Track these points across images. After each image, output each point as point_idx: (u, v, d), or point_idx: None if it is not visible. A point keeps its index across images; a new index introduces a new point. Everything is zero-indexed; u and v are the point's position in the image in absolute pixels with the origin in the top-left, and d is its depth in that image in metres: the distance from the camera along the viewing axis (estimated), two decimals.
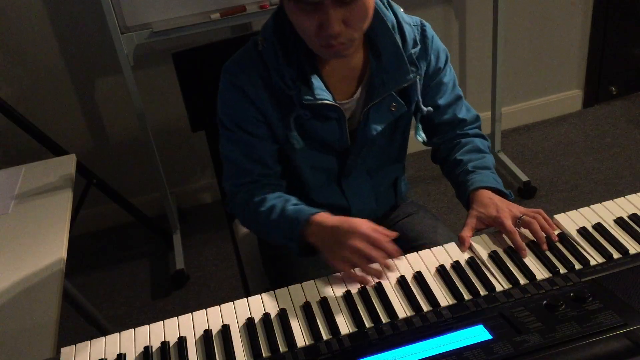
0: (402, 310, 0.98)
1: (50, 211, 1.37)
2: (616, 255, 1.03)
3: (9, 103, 2.08)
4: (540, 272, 1.02)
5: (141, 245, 2.54)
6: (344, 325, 0.96)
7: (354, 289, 1.03)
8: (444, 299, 0.99)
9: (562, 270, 1.02)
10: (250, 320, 0.99)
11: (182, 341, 0.97)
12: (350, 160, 1.25)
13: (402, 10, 1.21)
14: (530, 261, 1.05)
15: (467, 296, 0.99)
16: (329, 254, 1.06)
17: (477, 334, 0.89)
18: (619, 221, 1.11)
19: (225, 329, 0.98)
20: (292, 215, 1.13)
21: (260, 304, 1.02)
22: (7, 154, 2.36)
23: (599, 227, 1.10)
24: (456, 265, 1.06)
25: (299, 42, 1.12)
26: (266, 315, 1.00)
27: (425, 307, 0.98)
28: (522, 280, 1.01)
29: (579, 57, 2.87)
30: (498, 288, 1.00)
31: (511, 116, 2.88)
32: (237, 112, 1.17)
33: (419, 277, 1.04)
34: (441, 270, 1.05)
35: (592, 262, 1.02)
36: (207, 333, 0.98)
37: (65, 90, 2.33)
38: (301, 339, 0.95)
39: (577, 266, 1.02)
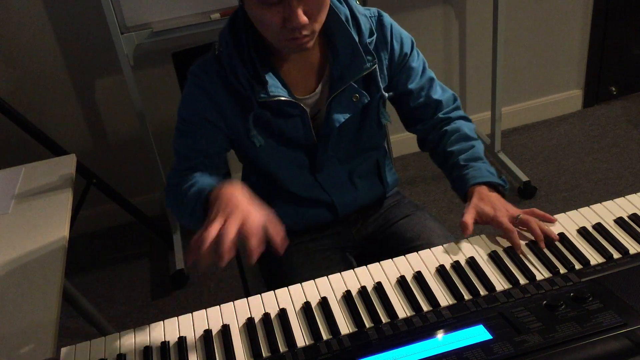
0: (402, 310, 0.98)
1: (50, 211, 1.37)
2: (616, 255, 1.03)
3: (9, 103, 2.08)
4: (540, 272, 1.02)
5: (141, 245, 2.54)
6: (344, 325, 0.96)
7: (354, 289, 1.03)
8: (444, 299, 0.99)
9: (562, 270, 1.02)
10: (250, 320, 0.99)
11: (182, 341, 0.97)
12: (319, 154, 1.26)
13: (357, 2, 1.22)
14: (530, 261, 1.05)
15: (467, 296, 0.99)
16: (211, 213, 0.95)
17: (477, 334, 0.89)
18: (619, 221, 1.11)
19: (225, 329, 0.98)
20: (200, 188, 1.11)
21: (260, 304, 1.02)
22: (7, 154, 2.35)
23: (599, 227, 1.10)
24: (456, 265, 1.06)
25: (252, 42, 1.14)
26: (266, 315, 1.00)
27: (425, 307, 0.98)
28: (522, 280, 1.01)
29: (579, 57, 2.87)
30: (498, 288, 1.00)
31: (511, 116, 2.88)
32: (194, 108, 1.20)
33: (419, 277, 1.04)
34: (441, 270, 1.05)
35: (592, 262, 1.02)
36: (207, 333, 0.98)
37: (65, 90, 2.33)
38: (301, 339, 0.95)
39: (577, 266, 1.02)
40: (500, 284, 1.01)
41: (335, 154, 1.28)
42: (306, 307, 1.00)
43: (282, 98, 1.15)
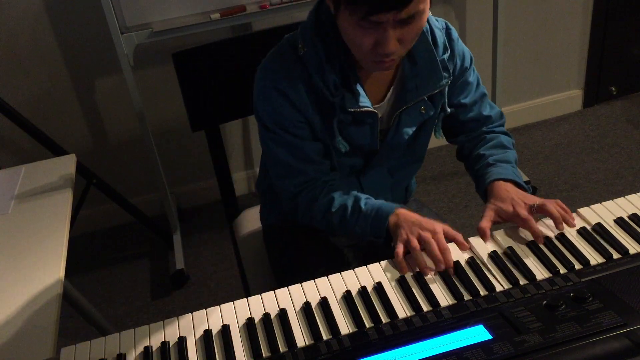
0: (402, 310, 0.98)
1: (50, 211, 1.37)
2: (616, 255, 1.03)
3: (9, 103, 2.08)
4: (540, 272, 1.02)
5: (141, 245, 2.54)
6: (344, 325, 0.96)
7: (354, 289, 1.03)
8: (444, 299, 0.99)
9: (562, 270, 1.02)
10: (250, 320, 0.99)
11: (182, 341, 0.97)
12: (375, 160, 1.26)
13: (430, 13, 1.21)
14: (530, 261, 1.05)
15: (467, 296, 0.99)
16: (399, 234, 1.09)
17: (477, 334, 0.89)
18: (619, 221, 1.11)
19: (225, 329, 0.98)
20: (373, 212, 1.15)
21: (260, 304, 1.02)
22: (7, 154, 2.36)
23: (599, 227, 1.10)
24: (456, 265, 1.06)
25: (342, 48, 1.12)
26: (266, 315, 1.00)
27: (425, 307, 0.98)
28: (522, 280, 1.01)
29: (579, 57, 2.87)
30: (498, 288, 1.00)
31: (511, 116, 2.88)
32: (282, 115, 1.16)
33: (419, 277, 1.04)
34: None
35: (592, 262, 1.02)
36: (207, 333, 0.98)
37: (65, 90, 2.33)
38: (301, 339, 0.95)
39: (577, 266, 1.02)
40: (500, 284, 1.01)
41: (388, 162, 1.28)
42: (306, 307, 1.00)
43: (369, 109, 1.15)
